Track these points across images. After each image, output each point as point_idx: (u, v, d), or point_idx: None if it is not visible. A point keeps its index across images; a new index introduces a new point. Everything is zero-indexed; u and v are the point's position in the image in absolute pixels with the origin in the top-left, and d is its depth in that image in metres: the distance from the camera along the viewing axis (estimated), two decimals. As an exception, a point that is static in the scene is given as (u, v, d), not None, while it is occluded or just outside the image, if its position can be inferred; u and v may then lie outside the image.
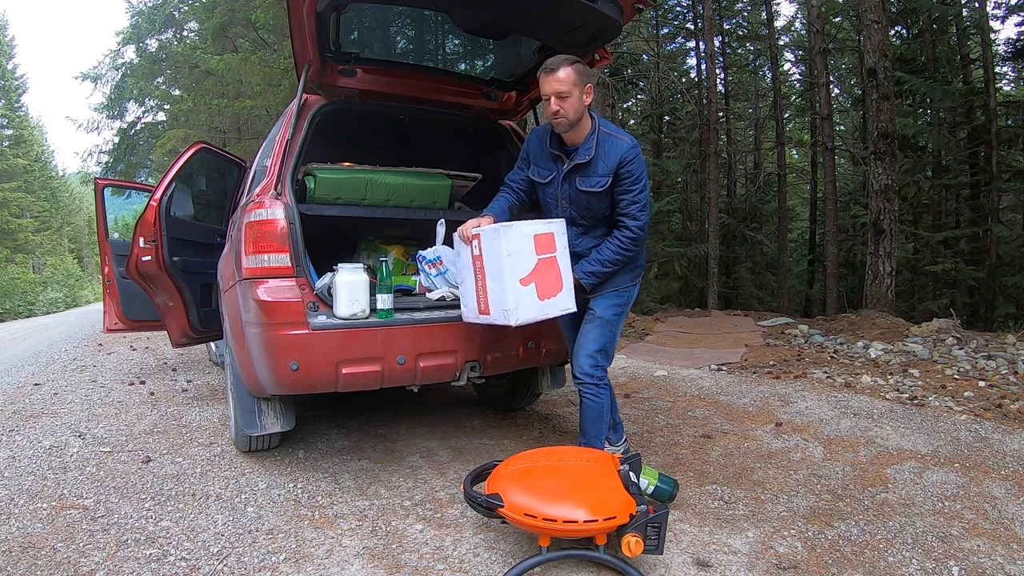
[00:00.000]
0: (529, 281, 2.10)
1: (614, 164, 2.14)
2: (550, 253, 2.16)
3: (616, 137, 2.18)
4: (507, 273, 2.06)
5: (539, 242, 2.13)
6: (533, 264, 2.11)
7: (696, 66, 14.45)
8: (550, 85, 2.09)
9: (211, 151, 3.91)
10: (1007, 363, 4.11)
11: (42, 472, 2.55)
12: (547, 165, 2.31)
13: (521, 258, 2.09)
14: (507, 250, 2.06)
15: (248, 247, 2.23)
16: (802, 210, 18.12)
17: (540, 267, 2.12)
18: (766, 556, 1.85)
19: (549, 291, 2.15)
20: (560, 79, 2.08)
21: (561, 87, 2.08)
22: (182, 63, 14.74)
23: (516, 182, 2.43)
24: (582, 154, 2.18)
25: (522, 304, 2.09)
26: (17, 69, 29.65)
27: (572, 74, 2.08)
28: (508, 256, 2.06)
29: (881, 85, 6.83)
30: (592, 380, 2.26)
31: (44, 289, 25.87)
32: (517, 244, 2.09)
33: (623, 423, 2.67)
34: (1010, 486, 2.30)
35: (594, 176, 2.18)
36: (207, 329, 3.73)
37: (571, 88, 2.08)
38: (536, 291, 2.12)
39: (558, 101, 2.09)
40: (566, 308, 2.20)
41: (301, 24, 2.19)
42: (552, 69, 2.09)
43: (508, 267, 2.06)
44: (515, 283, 2.08)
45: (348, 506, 2.22)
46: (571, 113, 2.11)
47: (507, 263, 2.06)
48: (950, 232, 10.18)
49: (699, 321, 7.49)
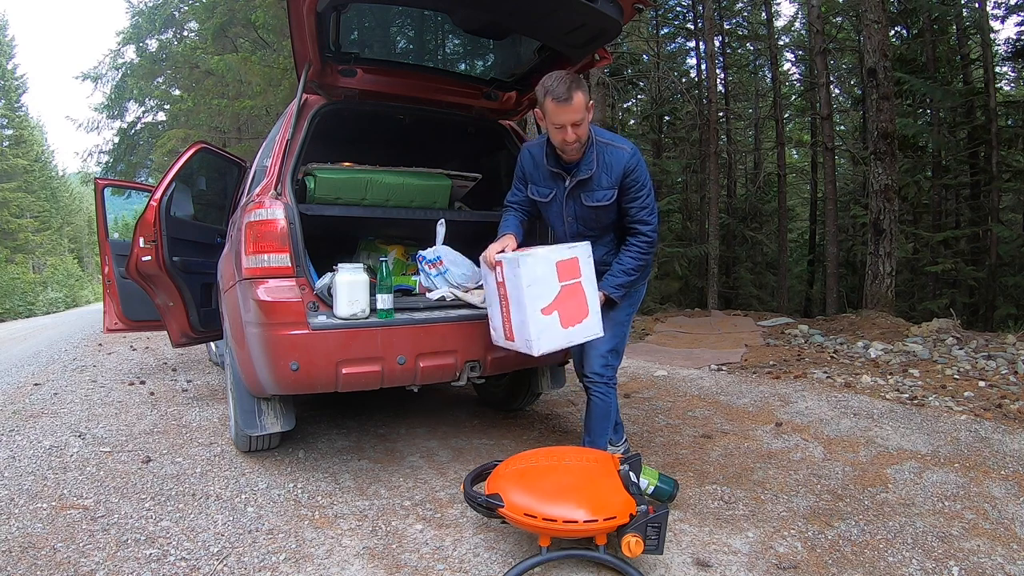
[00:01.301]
0: (552, 310, 2.06)
1: (618, 175, 2.12)
2: (574, 279, 2.11)
3: (614, 146, 2.15)
4: (528, 303, 2.03)
5: (562, 269, 2.09)
6: (556, 292, 2.07)
7: (696, 66, 14.47)
8: (567, 115, 2.01)
9: (211, 151, 3.91)
10: (1007, 363, 4.11)
11: (42, 472, 2.55)
12: (547, 184, 2.27)
13: (543, 287, 2.05)
14: (527, 280, 2.02)
15: (248, 247, 2.23)
16: (802, 210, 18.12)
17: (563, 294, 2.08)
18: (766, 556, 1.85)
19: (574, 318, 2.11)
20: (575, 108, 2.00)
21: (576, 116, 2.01)
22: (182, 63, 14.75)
23: (517, 203, 2.41)
24: (584, 170, 2.14)
25: (544, 334, 2.06)
26: (17, 69, 29.68)
27: (583, 99, 2.02)
28: (529, 287, 2.02)
29: (881, 85, 6.83)
30: (603, 379, 2.27)
31: (44, 289, 25.88)
32: (538, 273, 2.04)
33: (623, 423, 2.68)
34: (1010, 486, 2.30)
35: (599, 190, 2.15)
36: (207, 329, 3.73)
37: (584, 114, 2.04)
38: (559, 319, 2.08)
39: (573, 130, 2.04)
40: (594, 333, 2.17)
41: (301, 24, 2.19)
42: (565, 99, 1.99)
43: (529, 297, 2.03)
44: (536, 313, 2.04)
45: (348, 506, 2.22)
46: (583, 137, 2.08)
47: (528, 293, 2.02)
48: (950, 232, 10.17)
49: (699, 321, 7.49)
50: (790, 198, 16.44)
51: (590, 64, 2.62)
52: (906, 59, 10.58)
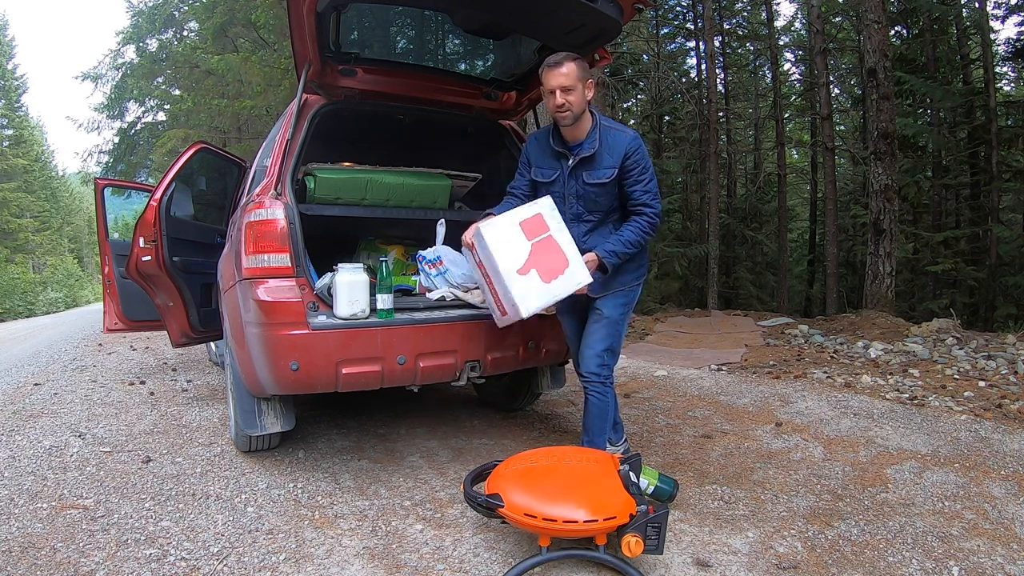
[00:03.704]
0: (528, 268, 2.08)
1: (620, 156, 2.17)
2: (543, 234, 2.12)
3: (618, 130, 2.22)
4: (502, 267, 2.05)
5: (527, 227, 2.11)
6: (527, 250, 2.08)
7: (696, 66, 14.46)
8: (555, 79, 2.12)
9: (211, 151, 3.91)
10: (1007, 363, 4.11)
11: (42, 472, 2.55)
12: (550, 164, 2.32)
13: (512, 248, 2.07)
14: (493, 244, 2.04)
15: (248, 247, 2.23)
16: (802, 210, 18.12)
17: (536, 251, 2.09)
18: (766, 556, 1.85)
19: (554, 271, 2.10)
20: (564, 73, 2.11)
21: (566, 81, 2.11)
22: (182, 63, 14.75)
23: (519, 188, 2.42)
24: (587, 147, 2.20)
25: (528, 294, 2.06)
26: (17, 69, 29.66)
27: (575, 69, 2.12)
28: (497, 250, 2.04)
29: (881, 85, 6.83)
30: (599, 379, 2.27)
31: (44, 289, 25.86)
32: (503, 235, 2.06)
33: (623, 423, 2.68)
34: (1010, 486, 2.30)
35: (600, 168, 2.20)
36: (207, 329, 3.73)
37: (575, 82, 2.11)
38: (539, 276, 2.08)
39: (563, 94, 2.12)
40: (580, 281, 2.12)
41: (301, 24, 2.19)
42: (556, 64, 2.13)
43: (501, 261, 2.04)
44: (513, 275, 2.06)
45: (348, 506, 2.22)
46: (576, 106, 2.14)
47: (499, 257, 2.04)
48: (950, 232, 10.17)
49: (699, 321, 7.48)
50: (790, 198, 16.44)
51: (590, 64, 2.62)
52: (906, 59, 10.58)
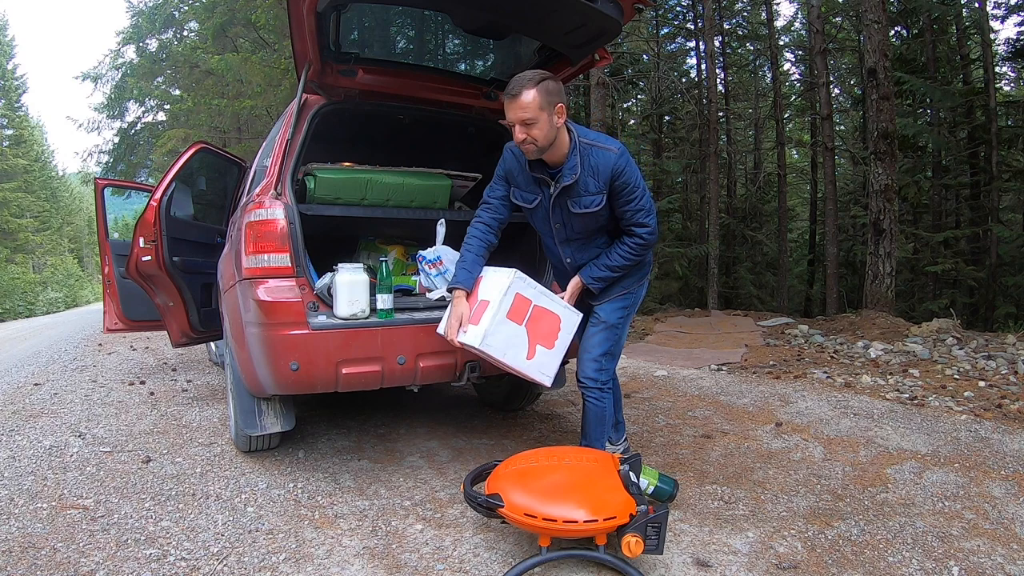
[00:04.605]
0: (533, 349, 2.11)
1: (606, 178, 2.00)
2: (529, 308, 2.09)
3: (600, 147, 2.01)
4: (514, 363, 2.07)
5: (513, 314, 2.05)
6: (525, 335, 2.09)
7: (696, 66, 14.46)
8: (513, 113, 1.91)
9: (211, 151, 3.91)
10: (1007, 363, 4.11)
11: (42, 472, 2.55)
12: (531, 189, 2.15)
13: (513, 343, 2.07)
14: (499, 353, 2.04)
15: (248, 247, 2.23)
16: (802, 210, 18.12)
17: (531, 328, 2.09)
18: (766, 556, 1.85)
19: (552, 333, 2.14)
20: (524, 105, 1.89)
21: (525, 115, 1.89)
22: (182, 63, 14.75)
23: (495, 199, 2.24)
24: (567, 175, 2.01)
25: (544, 369, 2.13)
26: (17, 69, 29.67)
27: (536, 98, 1.88)
28: (504, 355, 2.05)
29: (881, 85, 6.82)
30: (596, 384, 2.23)
31: (44, 289, 25.87)
32: (501, 339, 2.03)
33: (624, 422, 2.67)
34: (1010, 486, 2.30)
35: (586, 195, 2.03)
36: (207, 329, 3.73)
37: (536, 113, 1.89)
38: (544, 348, 2.13)
39: (523, 129, 1.92)
40: (575, 322, 2.18)
41: (301, 24, 2.19)
42: (514, 95, 1.89)
43: (512, 360, 2.07)
44: (524, 363, 2.09)
45: (348, 506, 2.22)
46: (540, 139, 1.94)
47: (509, 358, 2.06)
48: (950, 232, 10.17)
49: (699, 321, 7.49)
50: (790, 198, 16.44)
51: (590, 64, 2.62)
52: (906, 59, 10.59)
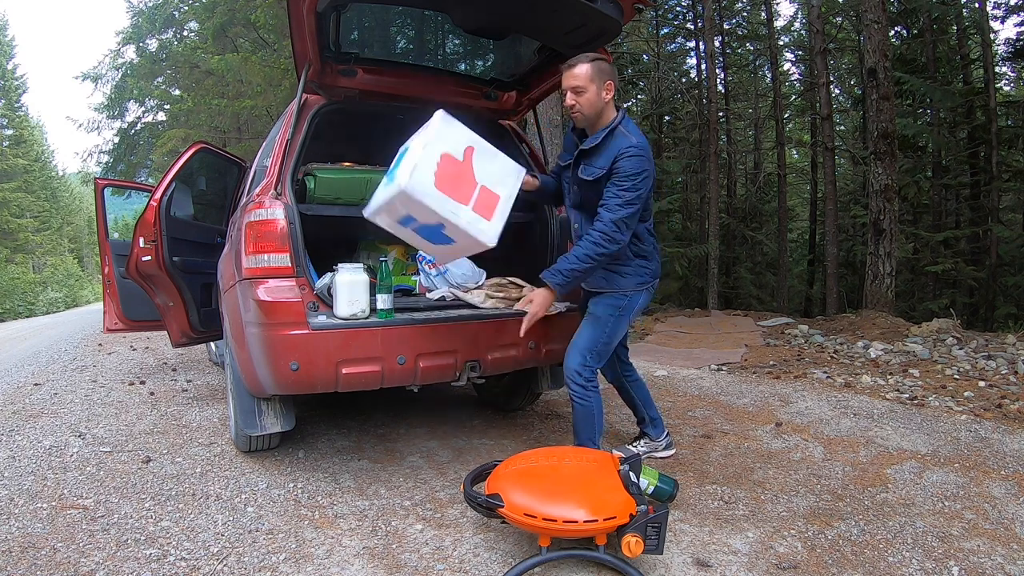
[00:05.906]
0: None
1: (612, 157, 2.16)
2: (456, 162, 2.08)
3: (626, 135, 2.19)
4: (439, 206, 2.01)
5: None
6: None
7: (696, 66, 14.43)
8: (566, 80, 2.19)
9: (211, 151, 3.91)
10: (1007, 363, 4.11)
11: (42, 472, 2.55)
12: (570, 150, 2.41)
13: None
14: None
15: (248, 247, 2.23)
16: (802, 210, 18.10)
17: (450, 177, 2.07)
18: (766, 556, 1.85)
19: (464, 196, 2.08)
20: (576, 75, 2.17)
21: (576, 82, 2.17)
22: (182, 63, 14.73)
23: (556, 167, 2.57)
24: (589, 142, 2.24)
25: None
26: (17, 69, 29.71)
27: (589, 70, 2.16)
28: None
29: (881, 85, 6.82)
30: (578, 381, 2.26)
31: (44, 289, 25.87)
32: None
33: (661, 417, 2.74)
34: (1010, 486, 2.30)
35: (593, 166, 2.23)
36: (207, 329, 3.73)
37: (587, 84, 2.16)
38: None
39: (573, 96, 2.18)
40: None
41: (301, 24, 2.19)
42: (571, 65, 2.18)
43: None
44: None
45: (348, 506, 2.22)
46: (586, 108, 2.19)
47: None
48: (950, 232, 10.17)
49: (699, 321, 7.48)
50: (790, 198, 16.43)
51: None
52: (906, 59, 10.59)
